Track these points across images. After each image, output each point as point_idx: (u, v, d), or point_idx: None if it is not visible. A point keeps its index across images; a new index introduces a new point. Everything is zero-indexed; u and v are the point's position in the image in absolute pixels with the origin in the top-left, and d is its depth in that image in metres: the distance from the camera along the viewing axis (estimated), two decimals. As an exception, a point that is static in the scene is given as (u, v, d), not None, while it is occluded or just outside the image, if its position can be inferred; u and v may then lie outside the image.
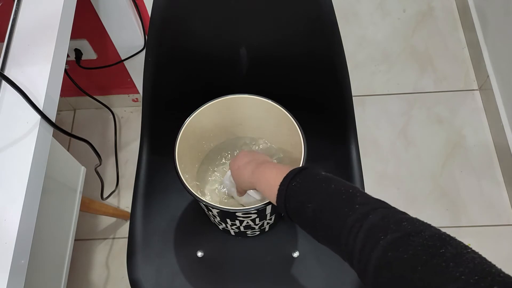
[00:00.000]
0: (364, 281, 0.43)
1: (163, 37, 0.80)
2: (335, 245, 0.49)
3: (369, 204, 0.47)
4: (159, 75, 0.84)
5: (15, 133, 0.61)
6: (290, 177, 0.54)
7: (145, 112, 0.88)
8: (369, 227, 0.43)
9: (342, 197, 0.49)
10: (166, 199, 0.85)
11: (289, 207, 0.53)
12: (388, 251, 0.40)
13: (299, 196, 0.52)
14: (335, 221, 0.47)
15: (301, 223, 0.53)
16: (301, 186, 0.53)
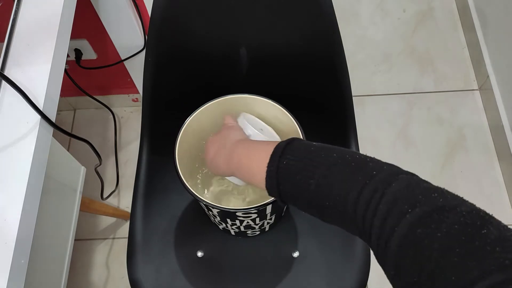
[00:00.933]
0: (383, 260, 0.37)
1: (163, 37, 0.80)
2: (347, 222, 0.42)
3: (387, 170, 0.40)
4: (159, 75, 0.84)
5: (15, 133, 0.61)
6: (278, 155, 0.46)
7: (145, 112, 0.88)
8: (393, 198, 0.37)
9: (351, 164, 0.42)
10: (166, 199, 0.85)
11: (284, 190, 0.46)
12: (417, 227, 0.34)
13: (295, 174, 0.44)
14: (348, 194, 0.40)
15: (301, 205, 0.46)
16: (295, 162, 0.45)
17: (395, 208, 0.36)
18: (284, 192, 0.46)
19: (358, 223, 0.39)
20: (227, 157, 0.56)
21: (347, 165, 0.42)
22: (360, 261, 0.78)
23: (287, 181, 0.45)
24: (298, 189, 0.44)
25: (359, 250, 0.79)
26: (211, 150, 0.61)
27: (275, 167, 0.46)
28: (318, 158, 0.44)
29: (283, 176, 0.45)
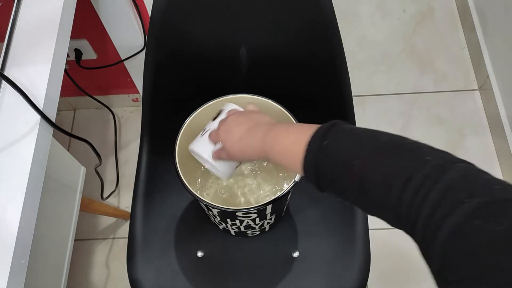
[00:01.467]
0: (427, 253, 0.34)
1: (163, 37, 0.80)
2: (386, 210, 0.38)
3: (442, 157, 0.36)
4: (159, 75, 0.84)
5: (15, 133, 0.61)
6: (320, 135, 0.43)
7: (145, 112, 0.88)
8: (447, 186, 0.33)
9: (402, 148, 0.39)
10: (166, 199, 0.85)
11: (322, 171, 0.43)
12: (473, 219, 0.30)
13: (337, 155, 0.41)
14: (395, 178, 0.36)
15: (339, 189, 0.42)
16: (338, 143, 0.42)
17: (449, 196, 0.32)
18: (322, 174, 0.43)
19: (401, 211, 0.36)
20: (262, 136, 0.52)
21: (397, 148, 0.39)
22: (360, 261, 0.78)
23: (327, 162, 0.42)
24: (338, 171, 0.41)
25: (359, 251, 0.79)
26: (238, 130, 0.56)
27: (316, 147, 0.43)
28: (364, 140, 0.41)
29: (323, 157, 0.42)
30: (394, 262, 1.28)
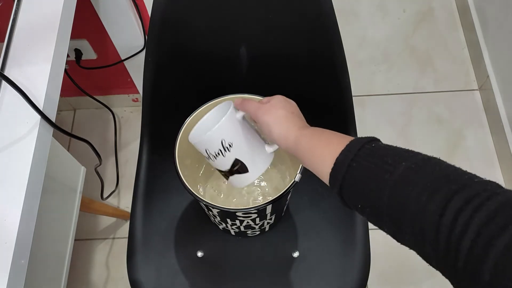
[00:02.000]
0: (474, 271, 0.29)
1: (163, 37, 0.80)
2: (420, 240, 0.35)
3: (484, 183, 0.33)
4: (159, 75, 0.84)
5: (15, 133, 0.61)
6: (359, 144, 0.42)
7: (145, 112, 0.88)
8: (492, 211, 0.30)
9: (441, 169, 0.36)
10: (166, 199, 0.85)
11: (349, 181, 0.42)
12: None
13: (374, 158, 0.40)
14: (432, 200, 0.33)
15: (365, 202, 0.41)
16: (377, 151, 0.41)
17: (493, 222, 0.29)
18: (349, 183, 0.42)
19: (438, 242, 0.32)
20: (299, 125, 0.52)
21: (436, 168, 0.36)
22: (360, 261, 0.78)
23: (359, 173, 0.41)
24: (369, 186, 0.39)
25: (359, 251, 0.79)
26: (283, 108, 0.55)
27: (352, 154, 0.42)
28: (401, 156, 0.39)
29: (357, 167, 0.41)
30: (394, 262, 1.28)
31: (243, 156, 0.59)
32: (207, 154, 0.60)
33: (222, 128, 0.58)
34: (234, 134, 0.59)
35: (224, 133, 0.58)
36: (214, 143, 0.59)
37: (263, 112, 0.55)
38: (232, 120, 0.59)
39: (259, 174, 0.61)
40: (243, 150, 0.59)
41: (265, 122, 0.54)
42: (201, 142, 0.59)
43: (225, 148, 0.59)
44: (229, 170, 0.60)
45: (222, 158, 0.59)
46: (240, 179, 0.61)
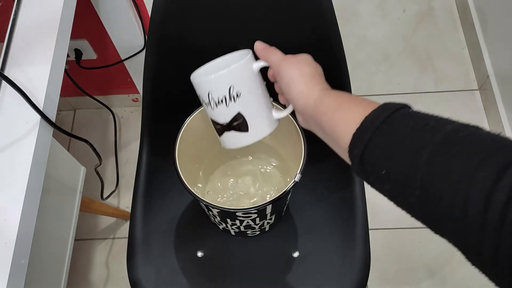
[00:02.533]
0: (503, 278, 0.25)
1: (163, 37, 0.80)
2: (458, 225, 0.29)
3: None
4: (159, 75, 0.84)
5: (15, 133, 0.61)
6: (388, 110, 0.38)
7: (145, 112, 0.88)
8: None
9: (496, 134, 0.31)
10: (166, 199, 0.85)
11: (373, 149, 0.36)
12: None
13: (412, 120, 0.36)
14: (485, 165, 0.28)
15: (392, 168, 0.34)
16: (416, 114, 0.37)
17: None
18: (376, 144, 0.36)
19: (486, 219, 0.26)
20: (324, 86, 0.48)
21: (489, 134, 0.31)
22: (360, 261, 0.78)
23: (390, 134, 0.35)
24: (402, 148, 0.34)
25: (359, 251, 0.79)
26: (311, 66, 0.51)
27: (385, 114, 0.37)
28: (446, 120, 0.34)
29: (389, 127, 0.36)
30: (394, 262, 1.28)
31: (247, 112, 0.54)
32: (208, 99, 0.54)
33: (234, 73, 0.53)
34: (245, 84, 0.53)
35: (235, 79, 0.53)
36: (220, 87, 0.53)
37: (287, 65, 0.50)
38: (247, 69, 0.53)
39: (258, 138, 0.56)
40: (249, 105, 0.54)
41: (288, 76, 0.50)
42: (206, 83, 0.54)
43: (232, 96, 0.53)
44: (227, 124, 0.55)
45: (224, 108, 0.54)
46: (235, 138, 0.56)
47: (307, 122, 0.51)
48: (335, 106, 0.44)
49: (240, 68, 0.53)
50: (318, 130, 0.48)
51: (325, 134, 0.46)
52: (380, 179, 0.37)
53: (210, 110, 0.56)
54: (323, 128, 0.45)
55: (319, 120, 0.46)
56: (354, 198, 0.82)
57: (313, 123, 0.48)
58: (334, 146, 0.45)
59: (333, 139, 0.44)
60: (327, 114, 0.45)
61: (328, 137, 0.45)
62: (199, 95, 0.56)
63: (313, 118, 0.47)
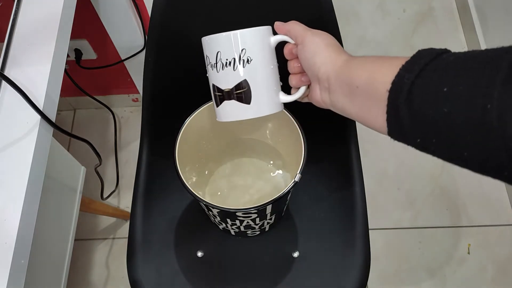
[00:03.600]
0: None
1: (163, 37, 0.80)
2: None
3: None
4: (159, 75, 0.84)
5: (15, 133, 0.61)
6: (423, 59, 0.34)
7: (145, 112, 0.88)
8: None
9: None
10: (166, 199, 0.85)
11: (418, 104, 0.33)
12: None
13: (464, 59, 0.32)
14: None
15: (453, 107, 0.31)
16: (468, 53, 0.32)
17: None
18: (424, 84, 0.33)
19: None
20: (348, 54, 0.47)
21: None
22: (360, 261, 0.78)
23: (442, 72, 0.32)
24: (461, 83, 0.30)
25: (359, 251, 0.79)
26: (333, 39, 0.50)
27: (418, 67, 0.34)
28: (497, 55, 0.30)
29: (437, 67, 0.33)
30: (394, 262, 1.28)
31: (254, 82, 0.52)
32: (216, 59, 0.52)
33: (250, 36, 0.51)
34: (259, 52, 0.52)
35: (250, 43, 0.51)
36: (232, 47, 0.51)
37: (313, 34, 0.50)
38: (264, 38, 0.52)
39: (258, 115, 0.54)
40: (258, 75, 0.52)
41: (314, 43, 0.49)
42: (219, 39, 0.51)
43: (242, 59, 0.51)
44: (229, 90, 0.53)
45: (231, 72, 0.52)
46: (234, 109, 0.54)
47: (329, 92, 0.48)
48: (368, 60, 0.42)
49: (257, 33, 0.51)
50: (343, 96, 0.45)
51: (354, 95, 0.42)
52: (432, 127, 0.33)
53: (214, 73, 0.54)
54: (354, 84, 0.42)
55: (349, 77, 0.43)
56: (354, 198, 0.82)
57: (338, 89, 0.46)
58: (368, 106, 0.40)
59: (367, 93, 0.40)
60: (359, 68, 0.42)
61: (358, 98, 0.42)
62: (207, 55, 0.54)
63: (341, 79, 0.45)
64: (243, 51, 0.50)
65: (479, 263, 1.28)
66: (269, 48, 0.54)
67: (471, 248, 1.29)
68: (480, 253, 1.29)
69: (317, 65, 0.49)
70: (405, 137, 0.36)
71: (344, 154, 0.86)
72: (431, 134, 0.33)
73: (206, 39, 0.54)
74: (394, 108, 0.36)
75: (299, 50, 0.51)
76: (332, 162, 0.86)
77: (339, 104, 0.47)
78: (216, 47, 0.52)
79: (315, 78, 0.50)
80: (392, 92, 0.36)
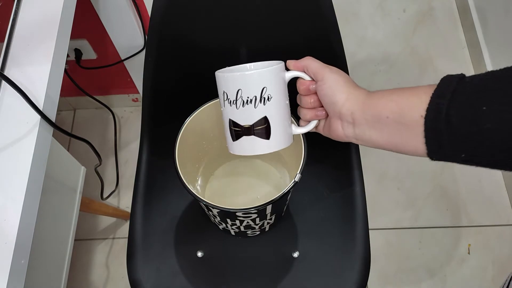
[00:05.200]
0: None
1: (163, 37, 0.80)
2: None
3: None
4: (159, 75, 0.84)
5: (15, 133, 0.61)
6: (451, 86, 0.38)
7: (145, 112, 0.88)
8: None
9: None
10: (166, 199, 0.85)
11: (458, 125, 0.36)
12: None
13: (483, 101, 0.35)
14: None
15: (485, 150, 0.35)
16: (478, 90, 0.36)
17: None
18: (464, 93, 0.37)
19: None
20: (367, 91, 0.48)
21: None
22: (360, 261, 0.78)
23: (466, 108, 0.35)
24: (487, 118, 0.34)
25: (359, 251, 0.79)
26: (347, 76, 0.51)
27: (449, 92, 0.37)
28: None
29: (461, 102, 0.36)
30: (394, 262, 1.28)
31: (274, 118, 0.53)
32: (236, 96, 0.52)
33: (270, 74, 0.52)
34: (277, 90, 0.52)
35: (270, 82, 0.52)
36: (253, 85, 0.51)
37: (331, 70, 0.51)
38: (281, 75, 0.53)
39: (276, 149, 0.56)
40: (277, 112, 0.53)
41: (333, 79, 0.50)
42: (240, 78, 0.52)
43: (262, 98, 0.52)
44: (249, 127, 0.53)
45: (252, 109, 0.52)
46: (253, 144, 0.55)
47: (354, 126, 0.49)
48: (393, 91, 0.44)
49: (276, 71, 0.52)
50: (369, 128, 0.47)
51: (383, 126, 0.44)
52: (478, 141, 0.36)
53: (233, 109, 0.53)
54: (383, 115, 0.44)
55: (377, 109, 0.45)
56: (354, 198, 0.82)
57: (364, 122, 0.47)
58: (400, 133, 0.43)
59: (399, 122, 0.42)
60: (385, 100, 0.44)
61: (388, 127, 0.44)
62: (225, 92, 0.54)
63: (368, 113, 0.46)
64: (264, 89, 0.51)
65: (479, 263, 1.28)
66: (284, 84, 0.55)
67: (471, 248, 1.29)
68: (480, 253, 1.29)
69: (340, 102, 0.50)
70: (446, 155, 0.39)
71: (344, 154, 0.86)
72: (474, 149, 0.37)
73: (224, 76, 0.54)
74: (433, 131, 0.39)
75: (318, 86, 0.52)
76: (332, 162, 0.86)
77: (366, 136, 0.48)
78: (237, 85, 0.52)
79: (337, 114, 0.51)
80: (428, 117, 0.39)
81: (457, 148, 0.37)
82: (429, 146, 0.40)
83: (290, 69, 0.55)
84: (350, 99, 0.49)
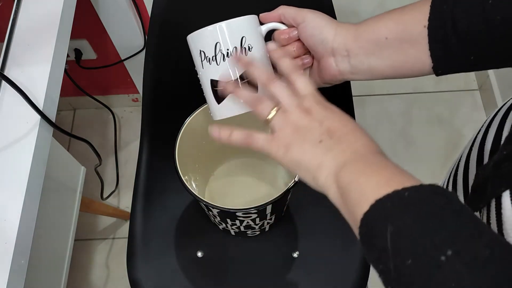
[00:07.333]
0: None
1: (163, 37, 0.80)
2: None
3: None
4: (159, 75, 0.84)
5: (15, 133, 0.61)
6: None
7: (145, 112, 0.88)
8: None
9: None
10: (166, 199, 0.85)
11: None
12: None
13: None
14: None
15: None
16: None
17: None
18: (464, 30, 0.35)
19: None
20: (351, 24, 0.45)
21: None
22: (360, 261, 0.78)
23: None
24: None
25: (359, 251, 0.79)
26: (323, 14, 0.47)
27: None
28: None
29: (466, 2, 0.35)
30: (394, 262, 1.28)
31: None
32: (215, 51, 0.48)
33: (248, 23, 0.49)
34: (256, 39, 0.49)
35: (248, 31, 0.49)
36: (232, 36, 0.48)
37: (310, 11, 0.48)
38: (257, 29, 0.50)
39: None
40: (261, 61, 0.50)
41: (317, 18, 0.47)
42: (216, 31, 0.49)
43: (243, 48, 0.49)
44: (235, 81, 0.50)
45: (234, 62, 0.49)
46: (237, 102, 0.51)
47: (350, 58, 0.47)
48: (388, 12, 0.44)
49: (251, 20, 0.49)
50: (368, 55, 0.45)
51: (383, 48, 0.43)
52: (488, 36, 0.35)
53: (214, 66, 0.50)
54: (381, 36, 0.44)
55: (373, 32, 0.45)
56: (354, 198, 0.82)
57: (360, 51, 0.46)
58: (403, 52, 0.42)
59: (400, 39, 0.42)
60: (381, 22, 0.45)
61: (389, 49, 0.44)
62: (201, 51, 0.50)
63: (363, 39, 0.46)
64: (243, 38, 0.49)
65: (479, 263, 1.28)
66: (262, 37, 0.52)
67: (471, 248, 1.29)
68: (480, 253, 1.29)
69: (330, 37, 0.47)
70: (455, 61, 0.37)
71: (344, 154, 0.86)
72: (483, 49, 0.35)
73: (199, 32, 0.51)
74: (439, 37, 0.37)
75: (301, 29, 0.49)
76: (332, 162, 0.86)
77: (364, 66, 0.46)
78: (215, 39, 0.49)
79: (328, 52, 0.48)
80: (431, 24, 0.37)
81: (466, 50, 0.36)
82: (435, 57, 0.38)
83: (264, 22, 0.52)
84: (340, 33, 0.46)
